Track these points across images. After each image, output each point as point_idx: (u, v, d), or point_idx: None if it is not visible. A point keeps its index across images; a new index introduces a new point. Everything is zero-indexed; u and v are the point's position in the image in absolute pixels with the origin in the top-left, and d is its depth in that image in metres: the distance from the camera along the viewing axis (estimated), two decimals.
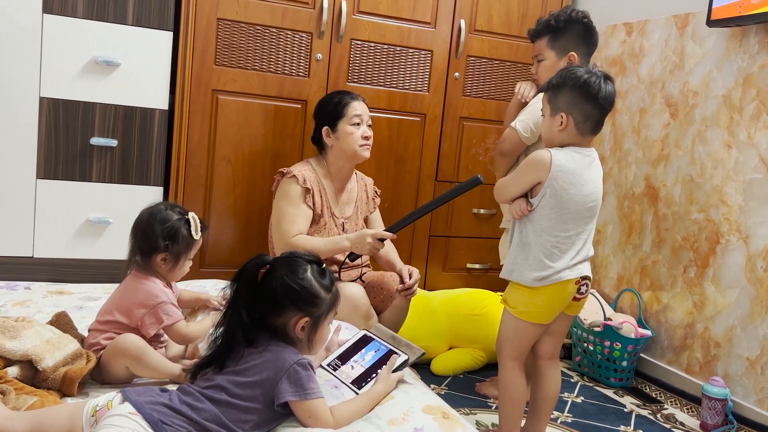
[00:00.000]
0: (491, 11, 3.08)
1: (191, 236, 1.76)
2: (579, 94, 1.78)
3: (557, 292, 1.84)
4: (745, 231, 2.49)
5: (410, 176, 3.06)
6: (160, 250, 1.73)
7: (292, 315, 1.45)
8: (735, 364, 2.51)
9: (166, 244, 1.73)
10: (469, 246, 3.23)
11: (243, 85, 2.72)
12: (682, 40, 2.79)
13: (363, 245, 2.22)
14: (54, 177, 2.52)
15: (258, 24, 2.70)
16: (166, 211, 1.76)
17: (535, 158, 1.82)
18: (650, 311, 2.89)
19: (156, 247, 1.73)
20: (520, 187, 1.84)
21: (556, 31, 2.23)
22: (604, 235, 3.16)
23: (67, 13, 2.45)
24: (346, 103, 2.39)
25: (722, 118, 2.61)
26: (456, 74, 3.06)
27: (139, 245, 1.75)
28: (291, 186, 2.35)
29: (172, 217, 1.75)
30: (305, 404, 1.39)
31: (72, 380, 1.55)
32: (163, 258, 1.74)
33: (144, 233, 1.74)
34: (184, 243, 1.76)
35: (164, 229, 1.73)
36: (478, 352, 2.74)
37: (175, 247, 1.74)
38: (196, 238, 1.78)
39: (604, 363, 2.75)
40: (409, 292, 2.41)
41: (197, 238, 1.78)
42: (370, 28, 2.88)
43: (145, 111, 2.60)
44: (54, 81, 2.47)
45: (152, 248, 1.73)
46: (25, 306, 2.14)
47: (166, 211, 1.76)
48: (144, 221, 1.75)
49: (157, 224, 1.73)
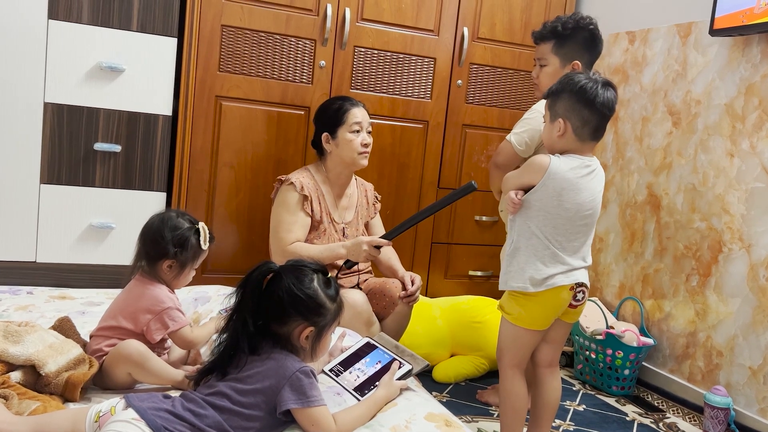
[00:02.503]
0: (494, 19, 3.09)
1: (199, 246, 1.77)
2: (576, 99, 1.79)
3: (552, 298, 1.84)
4: (748, 240, 2.49)
5: (412, 183, 3.06)
6: (169, 256, 1.73)
7: (297, 324, 1.44)
8: (737, 373, 2.50)
9: (175, 251, 1.73)
10: (471, 253, 3.23)
11: (246, 91, 2.73)
12: (685, 49, 2.80)
13: (359, 252, 2.23)
14: (57, 182, 2.53)
15: (262, 31, 2.71)
16: (177, 218, 1.77)
17: (534, 161, 1.83)
18: (652, 320, 2.89)
19: (165, 253, 1.73)
20: (515, 184, 1.86)
21: (562, 38, 2.22)
22: (606, 243, 3.16)
23: (72, 19, 2.46)
24: (346, 109, 2.40)
25: (725, 127, 2.61)
26: (459, 82, 3.07)
27: (146, 250, 1.75)
28: (288, 193, 2.35)
29: (182, 225, 1.76)
30: (307, 412, 1.39)
31: (74, 385, 1.54)
32: (170, 265, 1.75)
33: (153, 239, 1.74)
34: (191, 252, 1.76)
35: (174, 236, 1.73)
36: (479, 360, 2.74)
37: (183, 254, 1.75)
38: (204, 248, 1.78)
39: (606, 371, 2.74)
40: (411, 299, 2.41)
41: (205, 248, 1.78)
42: (373, 36, 2.89)
43: (149, 117, 2.61)
44: (58, 86, 2.48)
45: (161, 254, 1.74)
46: (28, 310, 2.14)
47: (177, 218, 1.77)
48: (154, 227, 1.75)
49: (168, 231, 1.74)
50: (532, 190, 1.80)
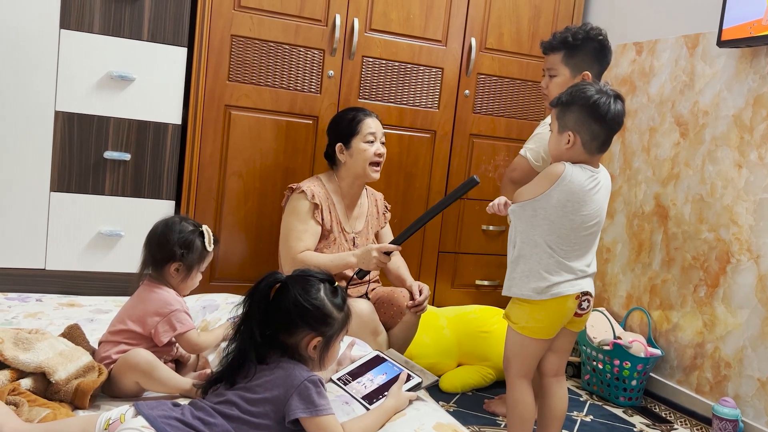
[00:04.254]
0: (502, 30, 3.11)
1: (204, 248, 1.80)
2: (588, 114, 1.79)
3: (557, 306, 1.84)
4: (756, 251, 2.48)
5: (420, 192, 3.07)
6: (175, 259, 1.76)
7: (305, 334, 1.45)
8: (746, 385, 2.49)
9: (181, 253, 1.76)
10: (478, 263, 3.23)
11: (255, 100, 2.74)
12: (693, 60, 2.81)
13: (369, 260, 2.23)
14: (67, 190, 2.54)
15: (271, 41, 2.73)
16: (180, 222, 1.80)
17: (549, 170, 1.83)
18: (660, 330, 2.88)
19: (171, 255, 1.75)
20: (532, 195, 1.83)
21: (572, 48, 2.21)
22: (613, 253, 3.16)
23: (84, 29, 2.49)
24: (360, 120, 2.41)
25: (732, 138, 2.61)
26: (466, 92, 3.08)
27: (153, 255, 1.78)
28: (300, 202, 2.36)
29: (187, 228, 1.79)
30: (316, 421, 1.39)
31: (84, 393, 1.55)
32: (177, 268, 1.77)
33: (159, 243, 1.77)
34: (197, 254, 1.79)
35: (180, 239, 1.76)
36: (486, 370, 2.74)
37: (189, 257, 1.77)
38: (209, 250, 1.81)
39: (614, 382, 2.74)
40: (419, 309, 2.41)
41: (210, 250, 1.81)
42: (381, 46, 2.91)
43: (159, 125, 2.62)
44: (69, 95, 2.50)
45: (167, 257, 1.76)
46: (37, 318, 2.16)
47: (181, 223, 1.80)
48: (159, 231, 1.78)
49: (173, 234, 1.76)
50: (538, 198, 1.80)
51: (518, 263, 1.86)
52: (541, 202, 1.80)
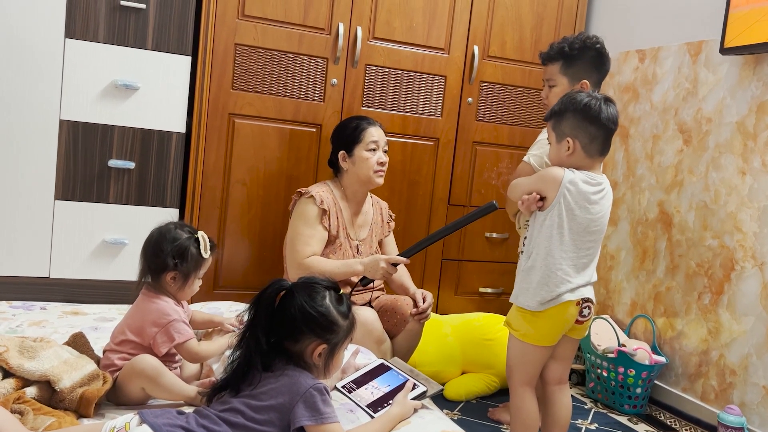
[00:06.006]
0: (504, 37, 3.12)
1: (200, 255, 1.77)
2: (581, 117, 1.82)
3: (558, 314, 1.84)
4: (761, 258, 2.48)
5: (423, 200, 3.07)
6: (170, 268, 1.74)
7: (310, 341, 1.45)
8: (751, 393, 2.48)
9: (175, 263, 1.74)
10: (482, 270, 3.23)
11: (259, 109, 2.75)
12: (695, 67, 2.81)
13: (376, 269, 2.23)
14: (72, 198, 2.55)
15: (275, 49, 2.74)
16: (175, 230, 1.77)
17: (548, 173, 1.85)
18: (664, 338, 2.87)
19: (165, 265, 1.74)
20: (525, 192, 1.88)
21: (569, 58, 2.23)
22: (617, 260, 3.15)
23: (89, 38, 2.50)
24: (363, 128, 2.42)
25: (736, 145, 2.61)
26: (469, 99, 3.08)
27: (148, 264, 1.76)
28: (308, 206, 2.36)
29: (181, 235, 1.76)
30: (321, 428, 1.39)
31: (89, 401, 1.55)
32: (173, 277, 1.75)
33: (153, 252, 1.75)
34: (193, 261, 1.76)
35: (173, 248, 1.74)
36: (491, 378, 2.73)
37: (185, 265, 1.75)
38: (205, 257, 1.78)
39: (618, 390, 2.73)
40: (422, 317, 2.41)
41: (206, 257, 1.79)
42: (384, 54, 2.92)
43: (163, 134, 2.63)
44: (74, 104, 2.51)
45: (162, 267, 1.74)
46: (41, 326, 2.16)
47: (176, 230, 1.77)
48: (153, 240, 1.76)
49: (167, 243, 1.74)
50: (548, 208, 1.81)
51: (529, 273, 1.86)
52: (552, 210, 1.81)
